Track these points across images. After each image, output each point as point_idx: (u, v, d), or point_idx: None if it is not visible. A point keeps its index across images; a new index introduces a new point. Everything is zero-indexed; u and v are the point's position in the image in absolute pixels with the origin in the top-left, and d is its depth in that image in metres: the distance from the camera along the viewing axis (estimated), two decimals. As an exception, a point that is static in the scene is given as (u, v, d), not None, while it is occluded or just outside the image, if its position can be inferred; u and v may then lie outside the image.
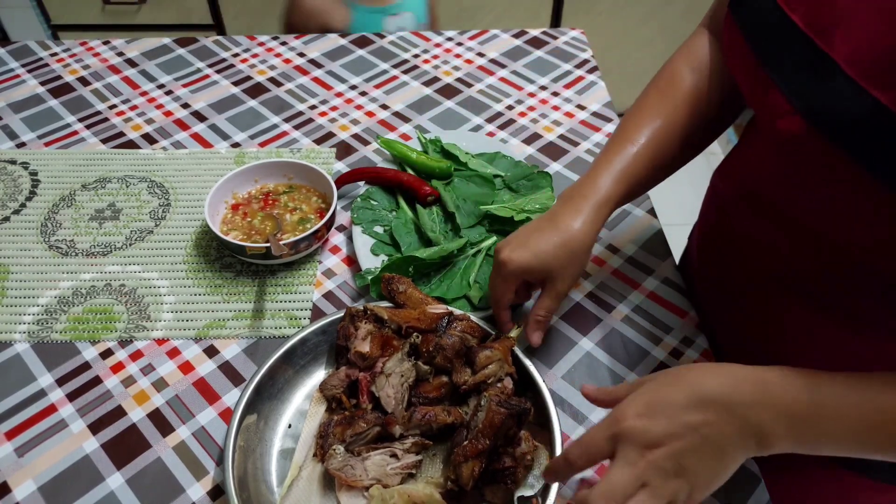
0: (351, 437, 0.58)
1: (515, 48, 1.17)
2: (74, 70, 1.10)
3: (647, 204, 0.88)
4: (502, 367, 0.61)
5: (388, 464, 0.57)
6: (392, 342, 0.64)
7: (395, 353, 0.63)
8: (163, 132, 0.99)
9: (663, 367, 0.69)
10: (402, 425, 0.58)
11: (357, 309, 0.65)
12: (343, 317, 0.66)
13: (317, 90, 1.07)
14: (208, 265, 0.80)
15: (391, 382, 0.61)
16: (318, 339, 0.67)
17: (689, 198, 0.77)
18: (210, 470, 0.62)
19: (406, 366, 0.62)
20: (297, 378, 0.66)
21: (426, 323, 0.65)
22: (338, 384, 0.63)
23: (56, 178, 0.91)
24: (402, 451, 0.58)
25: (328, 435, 0.59)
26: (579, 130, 1.00)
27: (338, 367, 0.65)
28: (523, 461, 0.56)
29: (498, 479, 0.56)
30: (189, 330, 0.73)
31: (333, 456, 0.58)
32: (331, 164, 0.94)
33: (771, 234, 0.60)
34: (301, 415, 0.64)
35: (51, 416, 0.65)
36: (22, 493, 0.60)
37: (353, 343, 0.63)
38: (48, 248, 0.81)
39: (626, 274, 0.79)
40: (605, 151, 0.66)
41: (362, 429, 0.59)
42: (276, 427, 0.63)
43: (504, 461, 0.56)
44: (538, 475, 0.57)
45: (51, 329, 0.73)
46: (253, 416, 0.61)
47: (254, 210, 0.83)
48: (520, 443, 0.56)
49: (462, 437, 0.56)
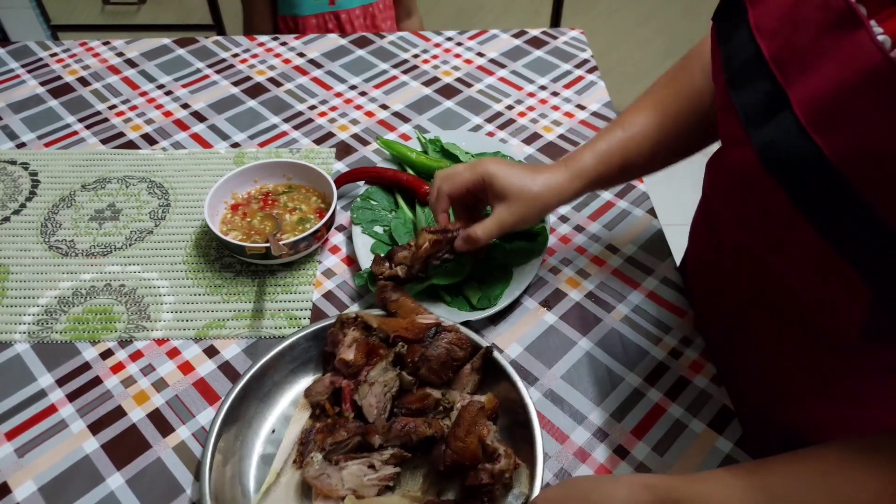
0: (331, 446, 0.57)
1: (515, 48, 1.17)
2: (74, 70, 1.10)
3: (647, 204, 0.88)
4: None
5: (366, 474, 0.56)
6: (378, 351, 0.63)
7: (379, 362, 0.62)
8: (162, 132, 0.99)
9: (663, 367, 0.69)
10: (381, 435, 0.57)
11: (348, 315, 0.65)
12: (334, 322, 0.65)
13: (316, 90, 1.07)
14: (208, 265, 0.80)
15: (374, 391, 0.60)
16: (309, 344, 0.66)
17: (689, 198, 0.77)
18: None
19: (390, 375, 0.61)
20: (285, 382, 0.65)
21: (414, 333, 0.64)
22: (322, 391, 0.62)
23: (56, 178, 0.91)
24: (381, 462, 0.57)
25: (309, 442, 0.58)
26: (579, 130, 1.00)
27: (324, 373, 0.64)
28: (501, 479, 0.54)
29: (475, 497, 0.55)
30: (189, 330, 0.73)
31: (311, 464, 0.56)
32: (330, 164, 0.94)
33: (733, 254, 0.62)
34: (285, 420, 0.64)
35: (51, 417, 0.65)
36: (22, 493, 0.60)
37: (339, 350, 0.62)
38: (48, 249, 0.82)
39: (625, 274, 0.79)
40: (600, 133, 0.70)
41: (343, 437, 0.58)
42: (260, 431, 0.63)
43: (481, 478, 0.54)
44: (517, 494, 0.55)
45: (51, 329, 0.73)
46: (238, 417, 0.60)
47: (253, 210, 0.83)
48: (499, 459, 0.55)
49: (440, 450, 0.56)
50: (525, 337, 0.72)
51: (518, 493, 0.55)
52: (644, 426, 0.64)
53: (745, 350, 0.67)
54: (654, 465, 0.62)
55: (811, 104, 0.42)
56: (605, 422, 0.65)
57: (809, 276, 0.49)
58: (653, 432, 0.64)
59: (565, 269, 0.80)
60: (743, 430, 0.64)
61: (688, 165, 0.73)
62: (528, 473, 0.56)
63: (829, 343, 0.55)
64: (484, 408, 0.58)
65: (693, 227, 0.80)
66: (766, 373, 0.65)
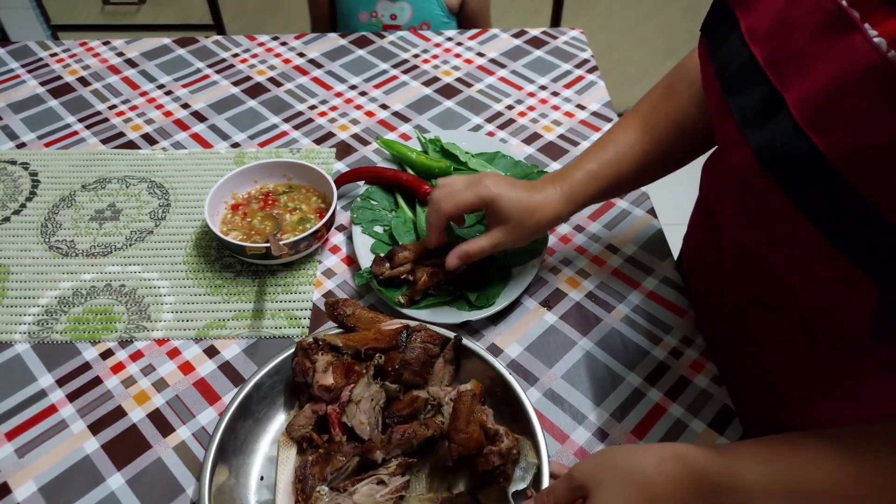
0: (332, 475, 0.56)
1: (515, 48, 1.17)
2: (74, 70, 1.10)
3: (647, 204, 0.88)
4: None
5: (378, 492, 0.55)
6: (354, 368, 0.62)
7: (360, 379, 0.61)
8: (163, 132, 0.99)
9: (663, 367, 0.69)
10: (382, 449, 0.56)
11: (308, 341, 0.63)
12: (294, 352, 0.63)
13: (316, 90, 1.07)
14: (208, 265, 0.80)
15: (362, 408, 0.59)
16: (273, 381, 0.63)
17: (689, 198, 0.77)
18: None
19: (374, 389, 0.60)
20: (259, 427, 0.62)
21: (385, 342, 0.63)
22: (305, 423, 0.60)
23: (56, 178, 0.91)
24: (388, 475, 0.56)
25: (307, 477, 0.56)
26: (579, 130, 1.00)
27: (300, 405, 0.63)
28: (510, 457, 0.55)
29: (490, 482, 0.55)
30: (189, 330, 0.73)
31: (319, 498, 0.55)
32: (330, 164, 0.94)
33: (736, 250, 0.63)
34: (270, 462, 0.60)
35: (51, 417, 0.65)
36: (22, 493, 0.60)
37: (314, 377, 0.61)
38: (48, 249, 0.82)
39: (625, 273, 0.79)
40: (589, 149, 0.72)
41: (341, 463, 0.56)
42: (248, 482, 0.59)
43: (493, 461, 0.54)
44: (525, 466, 0.56)
45: (51, 329, 0.73)
46: (224, 474, 0.57)
47: (254, 210, 0.83)
48: (502, 439, 0.56)
49: (444, 447, 0.56)
50: (525, 337, 0.72)
51: (526, 465, 0.56)
52: (644, 426, 0.64)
53: (745, 350, 0.67)
54: (655, 464, 0.62)
55: (807, 105, 0.42)
56: (606, 422, 0.65)
57: (811, 275, 0.49)
58: (653, 432, 0.64)
59: (565, 269, 0.80)
60: (743, 430, 0.64)
61: (688, 166, 0.74)
62: (530, 444, 0.57)
63: (829, 343, 0.55)
64: (476, 395, 0.58)
65: (690, 227, 0.80)
66: (766, 372, 0.65)
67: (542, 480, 0.54)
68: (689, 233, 0.81)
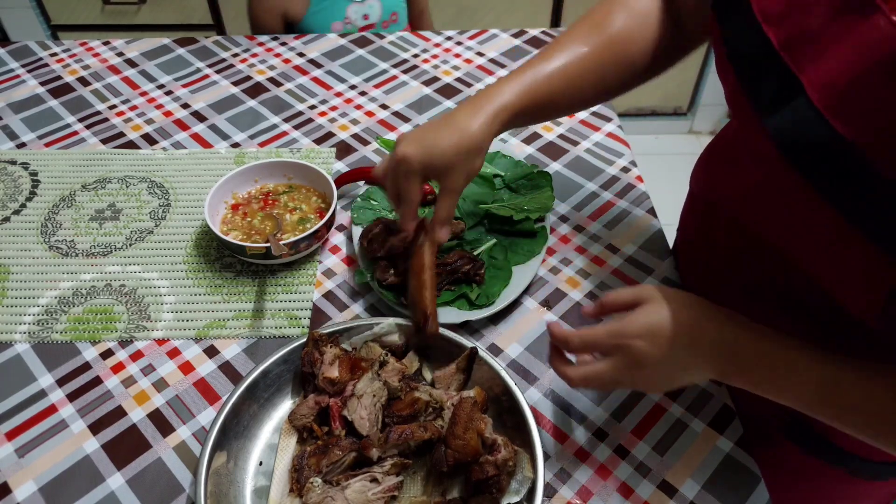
0: (327, 467, 0.56)
1: (515, 48, 1.17)
2: (74, 70, 1.10)
3: (647, 204, 0.88)
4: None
5: (370, 489, 0.55)
6: (360, 364, 0.62)
7: (364, 374, 0.61)
8: (163, 132, 0.99)
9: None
10: (378, 447, 0.57)
11: (320, 333, 0.64)
12: (306, 343, 0.64)
13: (316, 90, 1.07)
14: (208, 265, 0.80)
15: (363, 404, 0.59)
16: (281, 369, 0.64)
17: (689, 198, 0.78)
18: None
19: (377, 385, 0.61)
20: (263, 412, 0.63)
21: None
22: (307, 413, 0.61)
23: (56, 178, 0.91)
24: (382, 474, 0.56)
25: (303, 468, 0.57)
26: (579, 130, 1.00)
27: (305, 395, 0.63)
28: (506, 468, 0.55)
29: (483, 490, 0.55)
30: (189, 330, 0.73)
31: (311, 489, 0.55)
32: (330, 163, 0.94)
33: (735, 243, 0.62)
34: (271, 449, 0.62)
35: (51, 417, 0.65)
36: (22, 493, 0.60)
37: (321, 369, 0.61)
38: (48, 249, 0.82)
39: (626, 274, 0.79)
40: (521, 66, 0.67)
41: (338, 456, 0.57)
42: (247, 466, 0.60)
43: (487, 471, 0.54)
44: (521, 479, 0.56)
45: (51, 329, 0.73)
46: (222, 456, 0.58)
47: (254, 210, 0.83)
48: (500, 449, 0.55)
49: (440, 452, 0.56)
50: (525, 337, 0.72)
51: (522, 478, 0.56)
52: (644, 426, 0.64)
53: None
54: (655, 465, 0.62)
55: (826, 89, 0.42)
56: (605, 422, 0.65)
57: (826, 260, 0.49)
58: (653, 432, 0.64)
59: (565, 269, 0.80)
60: (744, 430, 0.64)
61: (688, 166, 0.74)
62: (528, 457, 0.57)
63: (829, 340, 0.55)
64: (476, 402, 0.58)
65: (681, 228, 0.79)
66: None
67: (536, 497, 0.54)
68: (680, 235, 0.81)
